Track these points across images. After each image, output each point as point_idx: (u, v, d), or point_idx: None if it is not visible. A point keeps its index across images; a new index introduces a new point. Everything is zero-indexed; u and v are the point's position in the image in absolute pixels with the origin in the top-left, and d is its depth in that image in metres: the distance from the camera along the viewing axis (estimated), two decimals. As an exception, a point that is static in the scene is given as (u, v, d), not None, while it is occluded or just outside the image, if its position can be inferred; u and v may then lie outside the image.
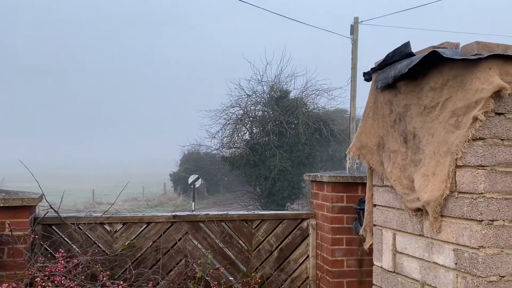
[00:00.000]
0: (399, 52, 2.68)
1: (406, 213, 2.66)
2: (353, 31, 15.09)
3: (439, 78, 2.42)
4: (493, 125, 2.19)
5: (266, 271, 4.03)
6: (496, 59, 2.18)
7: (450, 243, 2.31)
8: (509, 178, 2.20)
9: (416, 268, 2.59)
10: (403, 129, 2.71)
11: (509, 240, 2.18)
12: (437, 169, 2.36)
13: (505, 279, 2.16)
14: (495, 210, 2.16)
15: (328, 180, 3.84)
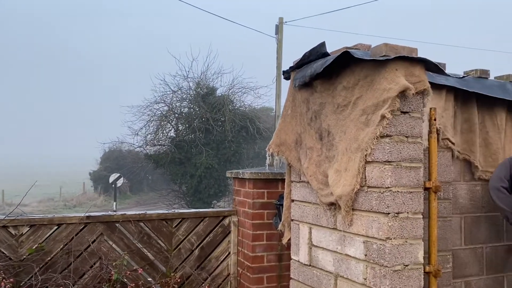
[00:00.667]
0: (316, 51, 2.75)
1: (321, 207, 2.75)
2: (278, 31, 15.43)
3: (351, 77, 2.52)
4: (399, 123, 2.33)
5: (186, 271, 3.96)
6: (403, 61, 2.33)
7: (361, 236, 2.43)
8: (413, 173, 2.36)
9: (330, 261, 2.68)
10: (319, 126, 2.79)
11: (412, 231, 2.34)
12: (349, 165, 2.47)
13: (409, 268, 2.31)
14: (401, 203, 2.31)
15: (250, 176, 3.86)
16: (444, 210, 3.04)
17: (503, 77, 3.59)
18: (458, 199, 3.28)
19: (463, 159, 3.29)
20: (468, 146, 3.31)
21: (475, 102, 3.32)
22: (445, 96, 3.09)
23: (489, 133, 3.41)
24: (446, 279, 3.02)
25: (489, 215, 3.42)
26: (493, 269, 3.40)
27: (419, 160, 2.39)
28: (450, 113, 3.15)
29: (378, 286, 2.27)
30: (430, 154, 2.75)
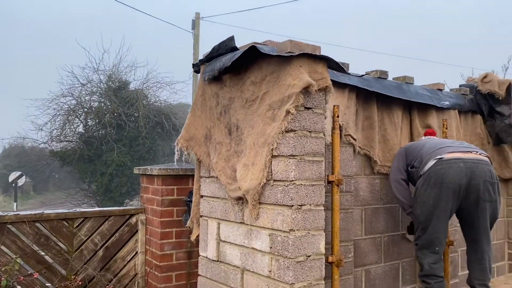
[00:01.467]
0: (224, 45, 2.73)
1: (230, 202, 2.74)
2: (195, 26, 15.25)
3: (259, 73, 2.54)
4: (303, 118, 2.39)
5: (89, 273, 3.73)
6: (306, 58, 2.39)
7: (266, 229, 2.46)
8: (315, 166, 2.44)
9: (237, 255, 2.69)
10: (228, 121, 2.78)
11: (314, 223, 2.42)
12: (256, 159, 2.49)
13: (311, 258, 2.39)
14: (304, 195, 2.37)
15: (158, 173, 3.74)
16: (346, 203, 3.20)
17: (400, 78, 3.87)
18: (359, 192, 3.48)
19: (364, 154, 3.49)
20: (368, 142, 3.52)
21: (375, 101, 3.54)
22: (348, 95, 3.25)
23: (387, 130, 3.65)
24: (348, 268, 3.18)
25: (387, 207, 3.67)
26: (390, 257, 3.66)
27: (321, 154, 2.48)
28: (352, 110, 3.32)
29: (282, 277, 2.32)
30: (333, 149, 2.87)
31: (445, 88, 4.29)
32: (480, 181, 2.97)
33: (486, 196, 3.01)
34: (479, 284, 3.19)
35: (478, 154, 3.08)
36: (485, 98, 4.36)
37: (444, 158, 3.00)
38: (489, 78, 4.39)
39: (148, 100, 19.00)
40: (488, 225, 3.16)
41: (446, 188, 2.97)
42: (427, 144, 3.27)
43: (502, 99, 4.29)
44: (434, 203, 3.02)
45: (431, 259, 3.14)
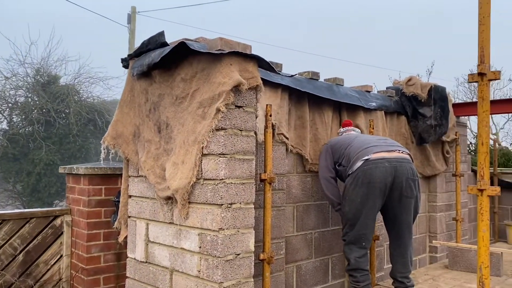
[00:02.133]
0: (154, 40, 2.66)
1: (159, 202, 2.67)
2: (131, 20, 14.76)
3: (189, 70, 2.50)
4: (233, 116, 2.38)
5: (6, 279, 3.47)
6: (237, 56, 2.39)
7: (196, 228, 2.42)
8: (246, 165, 2.44)
9: (166, 256, 2.63)
10: (158, 118, 2.71)
11: (244, 221, 2.42)
12: (186, 158, 2.44)
13: (241, 256, 2.39)
14: (234, 194, 2.37)
15: (85, 172, 3.56)
16: (278, 200, 3.24)
17: (331, 80, 3.99)
18: (291, 190, 3.54)
19: (296, 152, 3.56)
20: (300, 141, 3.60)
21: (307, 101, 3.62)
22: (280, 94, 3.29)
23: (318, 129, 3.75)
24: (279, 264, 3.23)
25: (318, 204, 3.77)
26: (321, 252, 3.77)
27: (252, 153, 2.49)
28: (285, 110, 3.37)
29: (210, 277, 2.30)
30: (266, 148, 2.90)
31: (373, 90, 4.49)
32: (403, 179, 3.14)
33: (408, 193, 3.19)
34: (400, 277, 3.37)
35: (401, 153, 3.24)
36: (409, 100, 4.62)
37: (370, 158, 3.13)
38: (413, 81, 4.66)
39: (80, 96, 18.11)
40: (411, 220, 3.34)
41: (373, 187, 3.10)
42: (354, 142, 3.37)
43: (424, 101, 4.57)
44: (362, 201, 3.14)
45: (358, 253, 3.27)
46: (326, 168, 3.49)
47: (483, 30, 2.17)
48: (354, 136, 3.49)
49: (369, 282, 3.33)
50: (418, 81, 4.64)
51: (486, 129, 2.17)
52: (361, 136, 3.49)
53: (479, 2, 2.19)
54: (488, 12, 2.18)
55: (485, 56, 2.16)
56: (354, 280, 3.32)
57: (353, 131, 3.69)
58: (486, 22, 2.17)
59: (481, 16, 2.18)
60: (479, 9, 2.19)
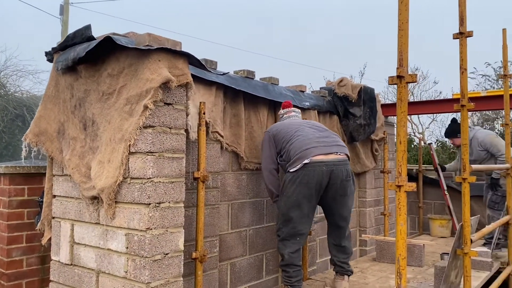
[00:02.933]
0: (80, 34, 2.55)
1: (84, 202, 2.57)
2: (63, 11, 14.02)
3: (116, 65, 2.42)
4: (162, 114, 2.34)
5: None
6: (166, 53, 2.35)
7: (123, 228, 2.36)
8: (175, 163, 2.41)
9: (92, 258, 2.53)
10: (83, 115, 2.60)
11: (173, 220, 2.39)
12: (112, 156, 2.37)
13: (169, 256, 2.36)
14: (162, 193, 2.33)
15: (5, 171, 3.34)
16: (213, 198, 3.24)
17: (266, 79, 4.05)
18: (226, 188, 3.55)
19: (232, 150, 3.57)
20: (236, 139, 3.61)
21: (243, 99, 3.64)
22: (215, 92, 3.28)
23: (253, 128, 3.79)
24: (213, 262, 3.23)
25: (253, 201, 3.81)
26: (255, 249, 3.82)
27: (182, 151, 2.46)
28: (219, 108, 3.37)
29: (138, 277, 2.25)
30: (199, 146, 2.88)
31: (307, 90, 4.61)
32: (337, 181, 3.35)
33: (342, 192, 3.43)
34: (339, 262, 3.63)
35: (338, 155, 3.41)
36: (341, 100, 4.79)
37: (310, 162, 3.27)
38: (344, 82, 4.84)
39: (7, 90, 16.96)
40: (347, 214, 3.58)
41: (310, 188, 3.27)
42: (295, 139, 3.43)
43: (354, 101, 4.76)
44: (298, 199, 3.29)
45: (291, 249, 3.37)
46: (270, 159, 3.57)
47: (402, 35, 2.29)
48: (295, 128, 3.52)
49: (301, 278, 3.45)
50: (349, 82, 4.83)
51: (404, 128, 2.30)
52: (302, 130, 3.52)
53: (399, 9, 2.32)
54: (407, 18, 2.31)
55: (403, 59, 2.29)
56: (286, 275, 3.41)
57: (293, 111, 3.77)
58: (405, 27, 2.30)
59: (400, 22, 2.31)
60: (399, 15, 2.31)
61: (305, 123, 3.66)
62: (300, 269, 3.44)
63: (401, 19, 2.31)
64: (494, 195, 5.23)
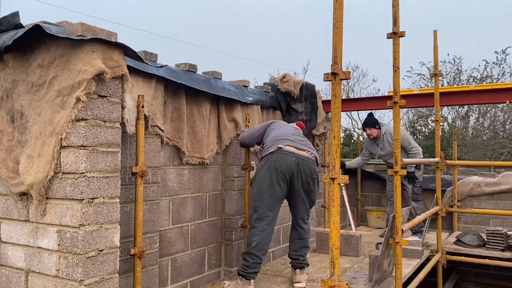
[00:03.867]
0: (7, 22, 2.41)
1: (12, 198, 2.44)
2: (-5, -3, 13.11)
3: (47, 55, 2.31)
4: (96, 106, 2.27)
5: None
6: (101, 43, 2.27)
7: (55, 225, 2.27)
8: (110, 157, 2.35)
9: (21, 257, 2.42)
10: (11, 107, 2.46)
11: (108, 216, 2.33)
12: (42, 150, 2.27)
13: (104, 253, 2.31)
14: (96, 188, 2.27)
15: None
16: (152, 194, 3.19)
17: (209, 73, 4.03)
18: (167, 183, 3.51)
19: (173, 145, 3.53)
20: (177, 133, 3.58)
21: (184, 93, 3.61)
22: (155, 85, 3.22)
23: (196, 122, 3.77)
24: (153, 258, 3.19)
25: (195, 196, 3.80)
26: (197, 244, 3.81)
27: (117, 145, 2.40)
28: (160, 101, 3.31)
29: (70, 275, 2.18)
30: (137, 140, 2.82)
31: (250, 85, 4.65)
32: (303, 175, 3.53)
33: (306, 187, 3.59)
34: (296, 255, 3.72)
35: (308, 153, 3.63)
36: (284, 96, 4.88)
37: (282, 148, 3.52)
38: (287, 78, 4.93)
39: None
40: (308, 208, 3.73)
41: (280, 173, 3.45)
42: (275, 131, 3.76)
43: (296, 97, 4.87)
44: (269, 184, 3.45)
45: (259, 237, 3.45)
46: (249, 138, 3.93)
47: (337, 33, 2.37)
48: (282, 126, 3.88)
49: (257, 271, 3.51)
50: (291, 78, 4.92)
51: (338, 123, 2.39)
52: (283, 128, 3.84)
53: (334, 7, 2.40)
54: (341, 17, 2.40)
55: (338, 57, 2.37)
56: (244, 264, 3.46)
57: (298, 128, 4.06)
58: (339, 26, 2.38)
59: (335, 21, 2.39)
60: (333, 13, 2.39)
61: (292, 126, 3.97)
62: (259, 263, 3.48)
63: (336, 17, 2.39)
64: (415, 187, 5.56)
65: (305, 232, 3.74)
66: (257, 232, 3.47)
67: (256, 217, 3.50)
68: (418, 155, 5.44)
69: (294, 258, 3.75)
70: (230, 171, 4.15)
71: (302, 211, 3.70)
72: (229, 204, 4.14)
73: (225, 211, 4.15)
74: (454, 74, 12.46)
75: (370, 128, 5.75)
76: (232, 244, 4.10)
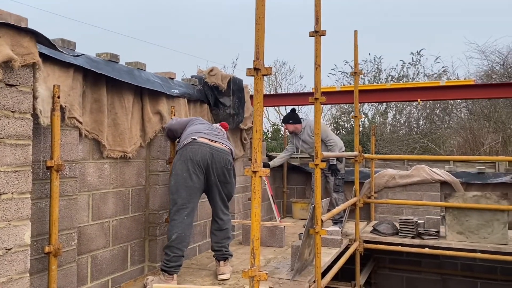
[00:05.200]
0: None
1: None
2: None
3: None
4: (3, 96, 2.12)
5: None
6: (9, 29, 2.12)
7: (-45, 224, 2.09)
8: (20, 150, 2.21)
9: None
10: None
11: (18, 212, 2.20)
12: None
13: (12, 251, 2.17)
14: (4, 183, 2.12)
15: None
16: (70, 189, 3.04)
17: (132, 63, 3.91)
18: (86, 177, 3.36)
19: (92, 138, 3.39)
20: (97, 125, 3.43)
21: (105, 84, 3.47)
22: (73, 75, 3.07)
23: (117, 114, 3.64)
24: (71, 256, 3.05)
25: (117, 191, 3.68)
26: (119, 240, 3.70)
27: (28, 137, 2.26)
28: (78, 92, 3.16)
29: (-28, 278, 2.02)
30: (52, 132, 2.67)
31: (178, 77, 4.58)
32: (218, 166, 3.59)
33: (222, 178, 3.65)
34: (218, 246, 3.75)
35: (223, 145, 3.72)
36: (211, 89, 4.87)
37: (196, 140, 3.61)
38: (215, 71, 4.92)
39: None
40: (225, 200, 3.77)
41: (195, 163, 3.52)
42: (190, 127, 3.81)
43: (224, 91, 4.88)
44: (185, 176, 3.50)
45: (179, 229, 3.49)
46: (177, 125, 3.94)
47: (259, 29, 2.42)
48: (198, 123, 3.92)
49: (180, 265, 3.52)
50: (219, 72, 4.93)
51: (260, 118, 2.45)
52: (202, 124, 3.90)
53: (256, 3, 2.44)
54: (263, 13, 2.44)
55: (260, 53, 2.42)
56: (166, 259, 3.47)
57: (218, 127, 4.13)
58: (261, 22, 2.43)
59: (257, 17, 2.43)
60: (256, 9, 2.43)
61: (211, 124, 4.06)
62: (181, 256, 3.49)
63: (258, 13, 2.43)
64: (337, 179, 5.87)
65: (224, 223, 3.79)
66: (177, 224, 3.49)
67: (175, 209, 3.52)
68: (336, 147, 5.71)
69: (216, 250, 3.79)
70: (155, 165, 4.08)
71: (220, 202, 3.75)
72: (153, 199, 4.07)
73: (149, 206, 4.07)
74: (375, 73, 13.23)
75: (286, 124, 6.00)
76: (156, 240, 4.04)
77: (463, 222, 5.21)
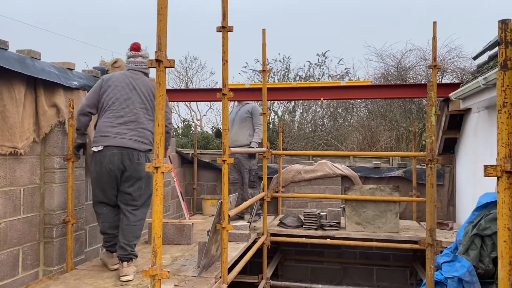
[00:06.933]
0: None
1: None
2: None
3: None
4: None
5: None
6: None
7: None
8: None
9: None
10: None
11: None
12: None
13: None
14: None
15: None
16: None
17: (25, 51, 3.58)
18: (-33, 176, 3.01)
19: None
20: (-19, 118, 3.09)
21: (-9, 72, 3.14)
22: (-50, 61, 2.73)
23: (6, 107, 3.32)
24: None
25: (5, 190, 3.36)
26: (8, 244, 3.38)
27: None
28: (-44, 80, 2.82)
29: None
30: None
31: (78, 68, 4.29)
32: (128, 163, 3.59)
33: (135, 174, 3.63)
34: (124, 244, 3.60)
35: (131, 141, 3.61)
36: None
37: (106, 145, 3.58)
38: (119, 63, 4.71)
39: None
40: (134, 199, 3.66)
41: (105, 168, 3.59)
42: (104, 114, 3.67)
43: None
44: (98, 177, 3.65)
45: (100, 220, 3.77)
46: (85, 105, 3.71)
47: (161, 20, 2.34)
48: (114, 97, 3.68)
49: (113, 244, 3.74)
50: (123, 64, 4.71)
51: (162, 111, 2.37)
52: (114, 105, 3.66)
53: (159, -6, 2.36)
54: (165, 4, 2.37)
55: (162, 44, 2.34)
56: (104, 240, 3.84)
57: (140, 57, 3.85)
58: (164, 12, 2.35)
59: (159, 7, 2.35)
60: (158, 0, 2.36)
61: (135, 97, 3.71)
62: (112, 237, 3.75)
63: (160, 4, 2.36)
64: (251, 175, 6.01)
65: (130, 222, 3.65)
66: (98, 215, 3.82)
67: (94, 203, 3.80)
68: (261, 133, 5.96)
69: (121, 247, 3.60)
70: (51, 162, 3.79)
71: (131, 199, 3.65)
72: (49, 199, 3.78)
73: (44, 207, 3.78)
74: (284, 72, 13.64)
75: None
76: (53, 242, 3.76)
77: (360, 213, 5.59)
